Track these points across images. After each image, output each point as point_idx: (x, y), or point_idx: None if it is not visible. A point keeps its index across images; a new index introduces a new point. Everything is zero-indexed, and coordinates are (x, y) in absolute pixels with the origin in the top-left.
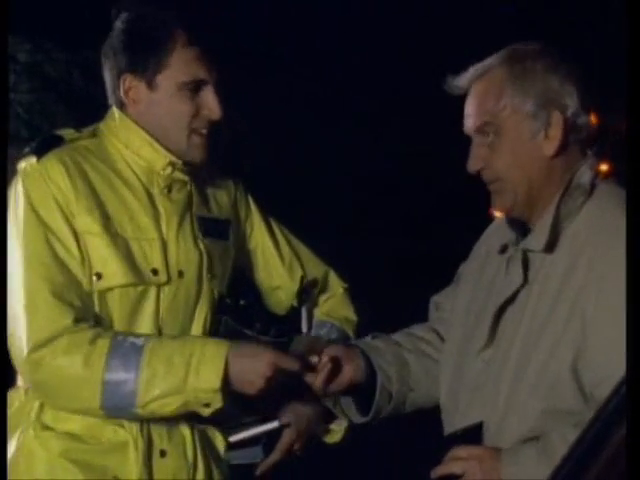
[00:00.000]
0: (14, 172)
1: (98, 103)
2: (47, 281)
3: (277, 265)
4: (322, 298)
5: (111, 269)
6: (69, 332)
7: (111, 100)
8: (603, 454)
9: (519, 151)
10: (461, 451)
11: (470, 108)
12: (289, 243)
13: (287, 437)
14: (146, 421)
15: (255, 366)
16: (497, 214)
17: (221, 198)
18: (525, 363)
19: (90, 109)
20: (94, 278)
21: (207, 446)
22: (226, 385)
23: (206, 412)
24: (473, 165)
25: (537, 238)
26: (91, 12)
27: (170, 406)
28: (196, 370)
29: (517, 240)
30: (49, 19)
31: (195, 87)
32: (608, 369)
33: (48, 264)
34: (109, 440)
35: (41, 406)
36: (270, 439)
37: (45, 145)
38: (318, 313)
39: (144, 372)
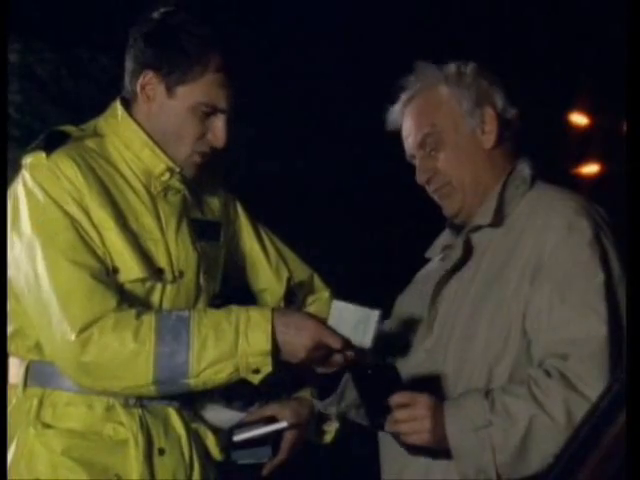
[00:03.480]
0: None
1: (88, 103)
2: (84, 266)
3: (264, 267)
4: (308, 300)
5: (127, 263)
6: (114, 311)
7: (126, 88)
8: (596, 452)
9: (461, 148)
10: (404, 398)
11: (408, 129)
12: (275, 246)
13: (292, 437)
14: (145, 419)
15: (298, 338)
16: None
17: (212, 201)
18: (472, 333)
19: (80, 109)
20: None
21: (200, 446)
22: (275, 350)
23: (256, 379)
24: (422, 176)
25: (484, 214)
26: (82, 12)
27: (223, 372)
28: (245, 334)
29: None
30: (40, 19)
31: (210, 111)
32: (549, 325)
33: (82, 251)
34: (110, 438)
35: (40, 404)
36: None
37: (53, 141)
38: None
39: (195, 341)
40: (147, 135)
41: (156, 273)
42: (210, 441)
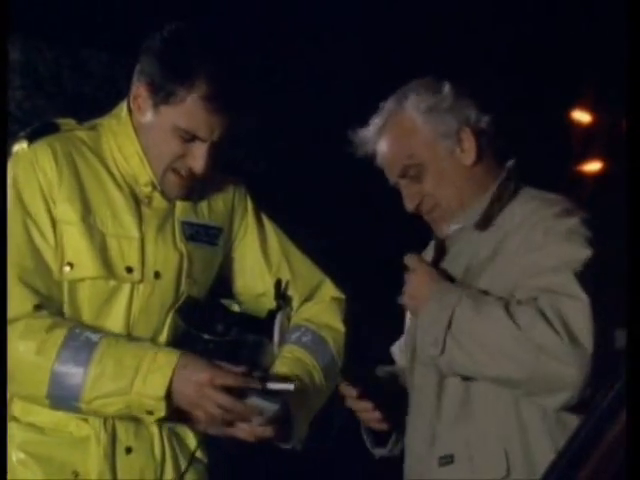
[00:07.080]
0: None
1: (88, 102)
2: (17, 265)
3: (263, 271)
4: (307, 305)
5: (83, 260)
6: (28, 317)
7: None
8: (597, 451)
9: (443, 171)
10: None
11: (385, 158)
12: (282, 249)
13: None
14: (112, 417)
15: (186, 388)
16: None
17: (216, 203)
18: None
19: (80, 107)
20: (66, 268)
21: (177, 445)
22: (169, 397)
23: (149, 420)
24: (410, 203)
25: (470, 216)
26: (82, 11)
27: (113, 406)
28: (144, 375)
29: None
30: (41, 17)
31: (190, 137)
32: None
33: (20, 248)
34: (71, 434)
35: (11, 398)
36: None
37: (39, 131)
38: (297, 319)
39: (93, 369)
40: (140, 145)
41: (121, 273)
42: (190, 439)
